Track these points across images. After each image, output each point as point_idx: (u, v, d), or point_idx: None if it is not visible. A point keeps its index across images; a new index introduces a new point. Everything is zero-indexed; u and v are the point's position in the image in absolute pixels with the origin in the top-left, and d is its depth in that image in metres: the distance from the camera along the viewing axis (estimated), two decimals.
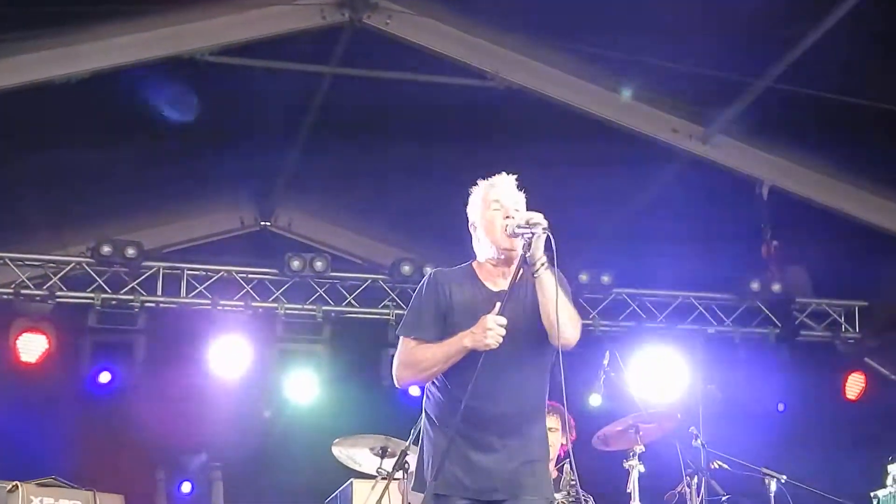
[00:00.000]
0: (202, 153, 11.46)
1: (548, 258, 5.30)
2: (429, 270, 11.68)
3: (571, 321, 5.40)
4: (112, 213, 12.19)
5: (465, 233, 5.72)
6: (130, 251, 11.60)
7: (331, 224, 13.55)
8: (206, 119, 11.01)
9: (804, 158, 11.65)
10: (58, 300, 11.64)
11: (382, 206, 13.01)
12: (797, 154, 11.63)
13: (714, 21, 10.04)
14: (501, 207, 5.52)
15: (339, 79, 10.87)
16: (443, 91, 10.89)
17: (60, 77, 10.13)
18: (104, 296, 11.66)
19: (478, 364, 5.24)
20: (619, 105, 11.25)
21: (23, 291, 11.56)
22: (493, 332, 5.21)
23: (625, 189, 12.05)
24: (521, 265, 5.30)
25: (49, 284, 11.63)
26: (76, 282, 11.73)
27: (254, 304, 12.02)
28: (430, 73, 10.82)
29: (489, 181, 5.67)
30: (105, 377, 11.95)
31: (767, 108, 10.84)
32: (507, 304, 5.32)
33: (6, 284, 11.65)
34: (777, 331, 12.66)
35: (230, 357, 11.87)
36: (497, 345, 5.20)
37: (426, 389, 5.58)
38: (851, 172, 11.65)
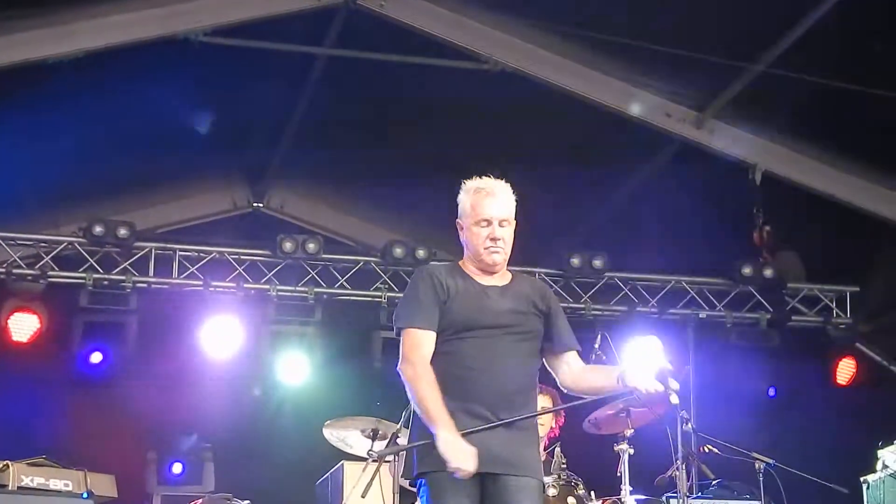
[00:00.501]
0: (195, 134, 11.44)
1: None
2: (421, 253, 11.91)
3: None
4: (105, 194, 12.17)
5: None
6: (122, 231, 11.58)
7: (323, 206, 13.54)
8: (200, 100, 11.01)
9: (797, 143, 11.66)
10: (49, 280, 11.61)
11: (375, 189, 12.99)
12: (790, 139, 11.64)
13: (709, 5, 10.05)
14: (489, 225, 5.58)
15: (334, 60, 10.85)
16: (437, 74, 10.88)
17: (54, 56, 10.11)
18: (96, 276, 11.63)
19: (471, 348, 5.41)
20: (613, 89, 11.24)
21: (14, 271, 11.52)
22: (467, 464, 5.22)
23: (618, 173, 12.05)
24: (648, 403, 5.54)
25: (41, 264, 11.60)
26: (68, 262, 11.70)
27: (246, 286, 12.00)
28: (424, 56, 10.81)
29: (480, 185, 5.66)
30: (96, 357, 11.94)
31: (761, 93, 10.84)
32: (505, 295, 5.53)
33: None
34: (768, 316, 12.66)
35: (222, 338, 11.87)
36: (462, 475, 5.23)
37: None
38: (844, 158, 11.65)
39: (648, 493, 8.54)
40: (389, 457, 7.62)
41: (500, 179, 5.71)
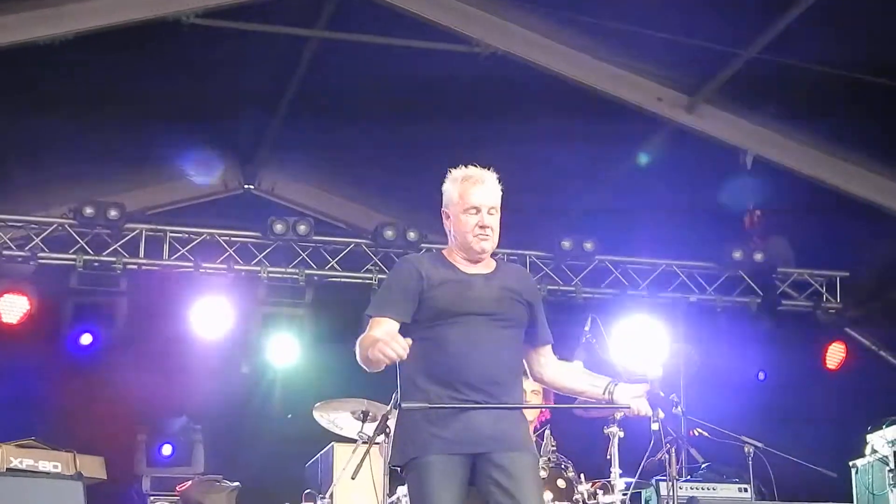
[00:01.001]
0: (187, 116, 11.41)
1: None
2: (412, 235, 11.91)
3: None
4: (95, 175, 12.14)
5: None
6: (113, 213, 11.56)
7: (314, 188, 13.53)
8: (191, 82, 10.98)
9: (788, 129, 11.66)
10: (39, 261, 11.60)
11: (366, 171, 12.98)
12: (781, 124, 11.64)
13: None
14: (478, 213, 5.57)
15: (325, 43, 10.83)
16: (428, 57, 10.85)
17: (45, 38, 10.07)
18: (86, 257, 11.61)
19: (454, 334, 5.41)
20: (605, 73, 11.23)
21: (4, 252, 11.51)
22: (397, 346, 5.18)
23: (609, 157, 12.05)
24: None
25: (31, 245, 11.59)
26: (58, 243, 11.69)
27: (236, 267, 11.99)
28: (415, 39, 10.78)
29: (467, 173, 5.64)
30: (86, 339, 11.94)
31: (753, 78, 10.84)
32: (489, 284, 5.53)
33: None
34: (758, 300, 12.69)
35: (212, 320, 11.87)
36: (397, 358, 5.18)
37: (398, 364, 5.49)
38: (835, 143, 11.66)
39: (638, 477, 8.55)
40: (380, 438, 7.61)
41: (491, 164, 5.70)
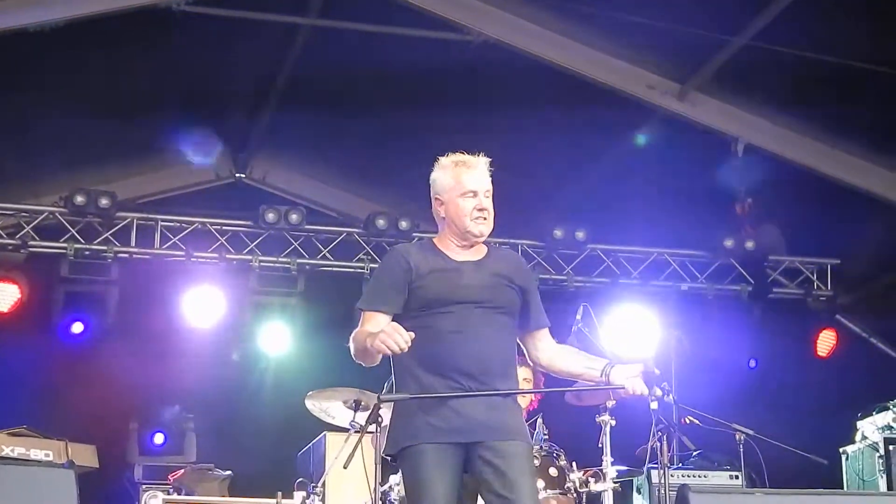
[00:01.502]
0: (178, 104, 11.39)
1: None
2: (404, 224, 11.91)
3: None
4: (86, 163, 12.12)
5: None
6: (104, 201, 11.55)
7: (306, 177, 13.51)
8: (183, 70, 10.96)
9: (780, 117, 11.66)
10: (30, 250, 11.59)
11: (358, 160, 12.97)
12: (773, 112, 11.64)
13: None
14: (475, 196, 5.58)
15: (317, 31, 10.80)
16: (420, 45, 10.83)
17: (34, 25, 10.04)
18: (77, 246, 11.60)
19: (444, 322, 5.40)
20: (595, 61, 11.22)
21: None
22: (399, 338, 5.19)
23: (600, 145, 12.05)
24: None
25: (22, 234, 11.58)
26: (49, 231, 11.67)
27: (228, 256, 11.99)
28: (407, 27, 10.76)
29: (460, 158, 5.65)
30: (77, 327, 11.93)
31: (744, 66, 10.83)
32: (480, 270, 5.53)
33: None
34: (750, 288, 12.70)
35: (204, 309, 11.87)
36: (399, 350, 5.20)
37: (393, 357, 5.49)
38: (826, 131, 11.66)
39: (630, 465, 8.56)
40: (372, 427, 7.62)
41: (483, 152, 5.70)
